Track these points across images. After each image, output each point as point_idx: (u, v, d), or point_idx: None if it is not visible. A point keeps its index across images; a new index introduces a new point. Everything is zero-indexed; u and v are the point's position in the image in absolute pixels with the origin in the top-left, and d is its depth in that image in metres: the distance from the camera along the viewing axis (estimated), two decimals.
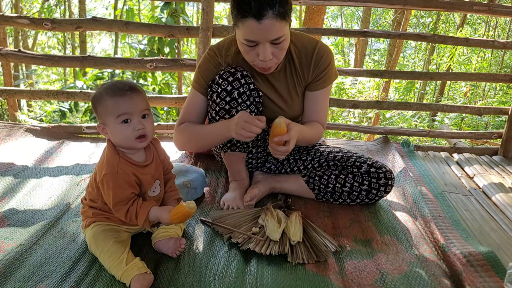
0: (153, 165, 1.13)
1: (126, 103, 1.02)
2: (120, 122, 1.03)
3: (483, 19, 9.94)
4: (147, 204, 1.08)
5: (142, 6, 9.75)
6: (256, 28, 1.14)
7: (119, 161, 1.05)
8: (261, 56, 1.21)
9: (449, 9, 2.32)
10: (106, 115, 1.04)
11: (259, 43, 1.19)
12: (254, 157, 1.59)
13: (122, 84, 1.05)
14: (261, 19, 1.13)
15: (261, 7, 1.12)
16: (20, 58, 2.27)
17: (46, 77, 11.37)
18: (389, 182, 1.45)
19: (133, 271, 0.99)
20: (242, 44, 1.23)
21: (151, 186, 1.14)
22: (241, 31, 1.19)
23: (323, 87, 1.43)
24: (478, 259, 1.15)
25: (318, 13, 4.30)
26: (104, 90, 1.04)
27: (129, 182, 1.05)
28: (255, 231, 1.24)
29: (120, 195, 1.04)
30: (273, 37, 1.17)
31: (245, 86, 1.37)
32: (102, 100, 1.03)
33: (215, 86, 1.37)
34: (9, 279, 1.00)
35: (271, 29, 1.15)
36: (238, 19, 1.17)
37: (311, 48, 1.39)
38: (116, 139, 1.06)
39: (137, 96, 1.04)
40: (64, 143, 2.10)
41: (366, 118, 5.80)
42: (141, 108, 1.05)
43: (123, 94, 1.02)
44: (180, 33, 2.27)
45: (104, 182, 1.04)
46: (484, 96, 8.02)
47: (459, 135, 2.70)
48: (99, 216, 1.13)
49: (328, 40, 10.77)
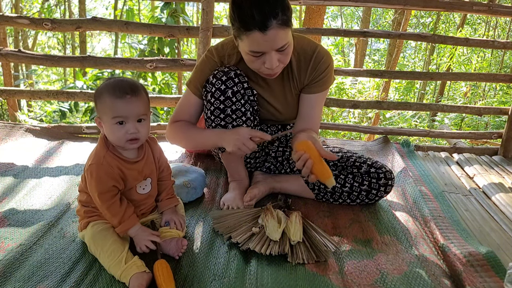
0: (143, 162, 1.14)
1: (124, 106, 1.02)
2: (115, 123, 1.04)
3: (483, 19, 9.93)
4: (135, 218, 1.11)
5: (142, 6, 9.76)
6: (262, 39, 1.14)
7: (105, 153, 1.07)
8: (267, 64, 1.21)
9: (449, 9, 2.32)
10: (103, 113, 1.05)
11: (265, 52, 1.19)
12: (252, 156, 1.59)
13: (124, 85, 1.04)
14: (266, 30, 1.12)
15: (265, 19, 1.11)
16: (20, 58, 2.27)
17: (46, 77, 11.37)
18: (389, 182, 1.45)
19: (131, 270, 0.99)
20: (247, 54, 1.22)
21: (138, 183, 1.15)
22: (245, 43, 1.18)
23: (319, 90, 1.42)
24: (478, 259, 1.15)
25: (318, 13, 4.30)
26: (106, 87, 1.04)
27: (112, 174, 1.06)
28: (255, 231, 1.24)
29: (102, 186, 1.05)
30: (279, 46, 1.17)
31: (239, 85, 1.37)
32: (102, 97, 1.04)
33: (209, 86, 1.37)
34: (9, 279, 1.00)
35: (276, 38, 1.14)
36: (242, 32, 1.16)
37: (310, 51, 1.38)
38: (109, 137, 1.08)
39: (136, 100, 1.04)
40: (64, 143, 2.10)
41: (366, 118, 5.80)
42: (137, 113, 1.05)
43: (122, 96, 1.02)
44: (180, 33, 2.27)
45: (88, 172, 1.06)
46: (484, 96, 8.02)
47: (459, 135, 2.70)
48: (92, 215, 1.13)
49: (328, 40, 10.78)
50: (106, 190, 1.06)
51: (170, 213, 1.24)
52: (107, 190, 1.06)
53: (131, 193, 1.14)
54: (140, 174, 1.14)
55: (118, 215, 1.07)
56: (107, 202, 1.06)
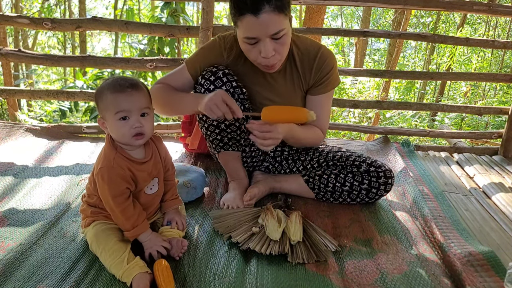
0: (151, 162, 1.13)
1: (126, 100, 1.02)
2: (118, 119, 1.03)
3: (483, 19, 9.93)
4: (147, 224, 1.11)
5: (142, 6, 9.76)
6: (255, 23, 1.14)
7: (115, 155, 1.06)
8: (263, 52, 1.20)
9: (449, 9, 2.32)
10: (105, 110, 1.04)
11: (260, 39, 1.19)
12: (248, 155, 1.59)
13: (123, 81, 1.04)
14: (258, 13, 1.13)
15: (257, 2, 1.12)
16: (20, 58, 2.27)
17: (46, 77, 11.37)
18: (389, 181, 1.45)
19: (134, 270, 0.99)
20: (243, 42, 1.23)
21: (148, 184, 1.14)
22: (240, 29, 1.19)
23: (325, 91, 1.42)
24: (478, 259, 1.15)
25: (318, 13, 4.30)
26: (106, 85, 1.04)
27: (124, 176, 1.06)
28: (255, 230, 1.24)
29: (115, 189, 1.04)
30: (273, 32, 1.17)
31: (228, 84, 1.37)
32: (103, 95, 1.04)
33: (199, 87, 1.38)
34: (9, 278, 1.00)
35: (270, 23, 1.14)
36: (237, 17, 1.17)
37: (314, 52, 1.38)
38: (114, 135, 1.07)
39: (137, 93, 1.04)
40: (64, 143, 2.10)
41: (366, 118, 5.80)
42: (140, 106, 1.04)
43: (123, 90, 1.02)
44: (180, 33, 2.27)
45: (99, 175, 1.04)
46: (484, 96, 8.01)
47: (459, 135, 2.70)
48: (98, 215, 1.13)
49: (328, 40, 10.77)
50: (120, 193, 1.05)
51: (173, 213, 1.24)
52: (120, 193, 1.05)
53: (139, 195, 1.13)
54: (150, 175, 1.13)
55: (131, 219, 1.07)
56: (121, 205, 1.05)
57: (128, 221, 1.07)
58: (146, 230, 1.10)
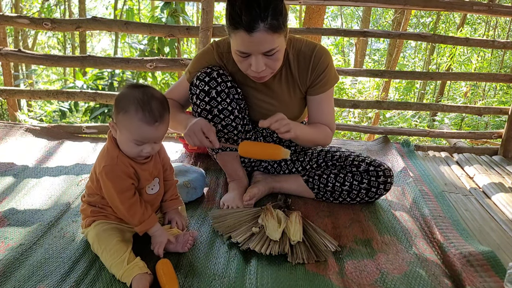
0: (152, 162, 1.14)
1: (150, 134, 1.03)
2: (134, 143, 1.04)
3: (483, 19, 9.93)
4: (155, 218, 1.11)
5: (142, 6, 9.77)
6: (247, 40, 1.13)
7: (118, 153, 1.07)
8: (253, 67, 1.21)
9: (449, 9, 2.32)
10: (124, 128, 1.03)
11: (251, 54, 1.19)
12: None
13: (153, 108, 1.01)
14: (252, 32, 1.11)
15: (252, 20, 1.10)
16: (20, 58, 2.27)
17: (46, 77, 11.37)
18: (388, 180, 1.45)
19: (134, 271, 0.99)
20: (235, 54, 1.23)
21: (149, 183, 1.15)
22: (233, 42, 1.19)
23: (324, 90, 1.41)
24: (478, 259, 1.15)
25: (318, 13, 4.30)
26: (134, 104, 1.00)
27: (128, 173, 1.06)
28: (255, 231, 1.24)
29: (120, 185, 1.05)
30: (265, 50, 1.16)
31: (223, 85, 1.37)
32: (129, 114, 1.01)
33: (194, 88, 1.38)
34: (9, 279, 1.00)
35: (263, 41, 1.14)
36: (231, 29, 1.17)
37: (309, 52, 1.37)
38: (122, 147, 1.07)
39: (162, 126, 1.05)
40: (64, 143, 2.10)
41: (366, 118, 5.80)
42: (158, 139, 1.07)
43: (150, 124, 1.01)
44: (180, 33, 2.27)
45: (103, 173, 1.05)
46: (484, 96, 8.02)
47: (459, 135, 2.70)
48: (98, 215, 1.13)
49: (328, 40, 10.78)
50: (126, 188, 1.06)
51: (173, 213, 1.24)
52: (126, 188, 1.06)
53: (141, 196, 1.14)
54: (151, 175, 1.14)
55: (138, 214, 1.07)
56: (127, 202, 1.06)
57: (135, 217, 1.07)
58: (155, 224, 1.11)
